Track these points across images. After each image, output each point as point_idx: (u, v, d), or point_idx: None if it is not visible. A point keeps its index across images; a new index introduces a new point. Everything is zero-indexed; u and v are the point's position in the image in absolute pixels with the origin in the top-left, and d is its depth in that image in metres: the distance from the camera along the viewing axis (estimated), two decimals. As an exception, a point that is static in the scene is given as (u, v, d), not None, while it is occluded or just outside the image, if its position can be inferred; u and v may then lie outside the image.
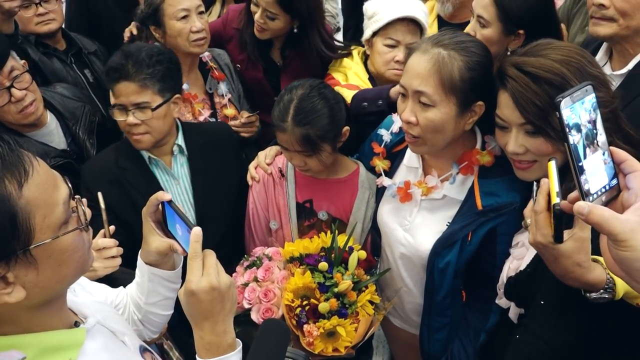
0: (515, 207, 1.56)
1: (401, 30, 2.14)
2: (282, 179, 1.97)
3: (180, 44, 2.29)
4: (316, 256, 1.77)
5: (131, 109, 1.88)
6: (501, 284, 1.56)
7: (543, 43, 1.41)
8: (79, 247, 0.93)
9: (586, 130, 0.80)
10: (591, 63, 1.36)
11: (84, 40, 2.77)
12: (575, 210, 0.79)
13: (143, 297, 1.30)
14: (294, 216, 1.94)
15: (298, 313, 1.67)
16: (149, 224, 1.22)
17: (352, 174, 1.94)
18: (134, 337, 1.16)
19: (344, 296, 1.69)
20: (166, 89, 1.91)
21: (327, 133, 1.75)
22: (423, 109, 1.51)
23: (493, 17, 1.88)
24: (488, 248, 1.61)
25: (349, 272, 1.73)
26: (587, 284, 1.14)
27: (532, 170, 1.45)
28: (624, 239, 0.75)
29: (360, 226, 1.91)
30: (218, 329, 1.04)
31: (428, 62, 1.48)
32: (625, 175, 0.82)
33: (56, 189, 0.89)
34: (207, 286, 1.01)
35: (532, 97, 1.33)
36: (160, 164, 2.03)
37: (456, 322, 1.76)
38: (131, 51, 1.90)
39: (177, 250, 1.19)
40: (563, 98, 0.78)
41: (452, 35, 1.53)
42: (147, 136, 1.92)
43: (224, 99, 2.46)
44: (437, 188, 1.65)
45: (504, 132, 1.45)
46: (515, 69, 1.37)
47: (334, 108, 1.77)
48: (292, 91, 1.78)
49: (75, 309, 1.04)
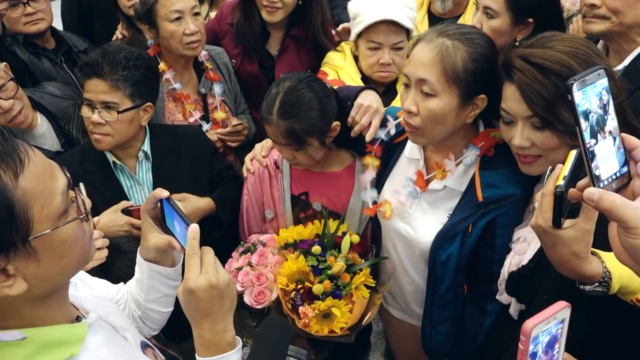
0: (516, 199, 1.56)
1: (383, 32, 2.10)
2: (277, 171, 1.96)
3: (173, 46, 2.26)
4: (309, 241, 1.79)
5: (98, 107, 1.87)
6: (502, 279, 1.56)
7: (548, 35, 1.40)
8: (80, 237, 0.91)
9: (598, 115, 0.79)
10: (598, 55, 1.36)
11: (74, 38, 2.74)
12: (585, 196, 0.78)
13: (142, 293, 1.28)
14: (289, 208, 1.95)
15: (293, 296, 1.69)
16: (148, 220, 1.20)
17: (348, 167, 1.93)
18: (135, 333, 1.14)
19: (337, 278, 1.72)
20: (138, 94, 1.90)
21: (313, 127, 1.73)
22: (424, 99, 1.50)
23: (502, 7, 1.87)
24: (488, 241, 1.61)
25: (342, 255, 1.75)
26: (582, 275, 1.13)
27: (536, 165, 1.44)
28: (635, 226, 0.74)
29: (357, 219, 1.90)
30: (217, 327, 1.03)
31: (432, 51, 1.48)
32: (637, 163, 0.81)
33: (54, 178, 0.88)
34: (206, 284, 1.00)
35: (539, 88, 1.32)
36: (125, 170, 2.02)
37: (458, 315, 1.76)
38: (110, 50, 1.90)
39: (176, 247, 1.18)
40: (575, 81, 0.77)
41: (458, 26, 1.54)
42: (108, 138, 1.90)
43: (216, 100, 2.44)
44: (453, 172, 1.63)
45: (509, 126, 1.44)
46: (522, 60, 1.36)
47: (322, 102, 1.75)
48: (279, 84, 1.77)
49: (77, 304, 1.03)
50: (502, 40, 1.89)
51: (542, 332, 0.87)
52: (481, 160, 1.61)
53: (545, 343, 0.89)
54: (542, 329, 0.86)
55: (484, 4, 1.91)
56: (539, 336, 0.87)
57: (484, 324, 1.68)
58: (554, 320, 0.88)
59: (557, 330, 0.90)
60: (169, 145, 2.07)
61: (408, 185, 1.71)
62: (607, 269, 1.13)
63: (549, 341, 0.90)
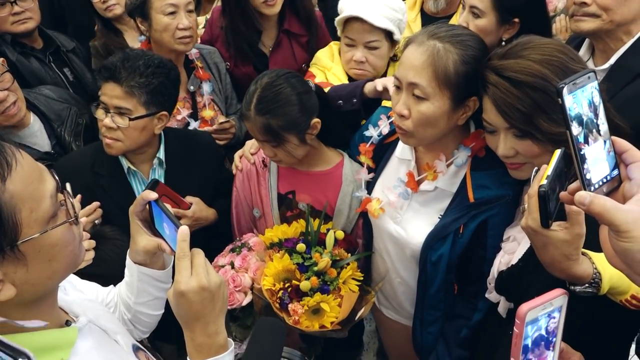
0: (507, 199, 1.56)
1: (356, 29, 2.09)
2: (264, 169, 1.96)
3: (165, 40, 2.26)
4: (294, 239, 1.80)
5: (112, 111, 1.85)
6: (492, 278, 1.56)
7: (522, 42, 1.39)
8: (70, 241, 0.90)
9: (588, 118, 0.79)
10: (573, 59, 1.35)
11: (62, 37, 2.72)
12: (576, 200, 0.78)
13: (132, 296, 1.27)
14: (276, 207, 1.95)
15: (281, 295, 1.69)
16: (136, 223, 1.19)
17: (336, 166, 1.93)
18: (126, 336, 1.13)
19: (324, 274, 1.72)
20: (153, 102, 1.87)
21: (290, 124, 1.72)
22: (416, 102, 1.50)
23: (488, 6, 1.88)
24: (479, 242, 1.62)
25: (327, 251, 1.76)
26: (573, 276, 1.13)
27: (524, 170, 1.44)
28: (626, 229, 0.74)
29: (345, 218, 1.91)
30: (209, 329, 1.02)
31: (423, 54, 1.47)
32: (627, 166, 0.80)
33: (42, 181, 0.87)
34: (197, 286, 0.99)
35: (514, 102, 1.31)
36: (139, 175, 2.00)
37: (448, 313, 1.76)
38: (130, 55, 1.87)
39: (165, 250, 1.17)
40: (565, 85, 0.76)
41: (449, 28, 1.52)
42: (119, 143, 1.88)
43: (205, 99, 2.43)
44: (444, 173, 1.64)
45: (492, 135, 1.45)
46: (494, 74, 1.35)
47: (301, 98, 1.74)
48: (258, 81, 1.77)
49: (66, 308, 1.02)
50: (488, 40, 1.89)
51: (539, 316, 0.87)
52: (472, 161, 1.61)
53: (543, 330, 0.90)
54: (537, 313, 0.87)
55: (470, 3, 1.91)
56: (536, 321, 0.86)
57: (472, 319, 1.69)
58: (551, 306, 0.88)
59: (555, 318, 0.90)
60: (182, 152, 2.05)
61: (399, 186, 1.72)
62: (597, 270, 1.14)
63: (547, 329, 0.90)
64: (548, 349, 0.95)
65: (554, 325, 0.91)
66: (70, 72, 2.61)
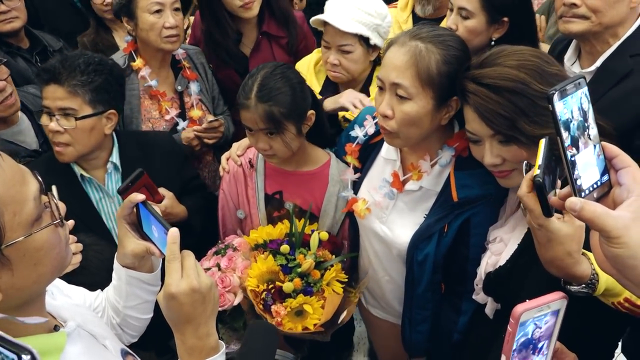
0: (490, 199, 1.57)
1: (330, 32, 2.09)
2: (251, 170, 1.97)
3: (152, 39, 2.24)
4: (279, 241, 1.80)
5: (56, 114, 1.79)
6: (479, 279, 1.57)
7: (496, 51, 1.41)
8: (55, 243, 0.89)
9: (578, 124, 0.79)
10: (548, 62, 1.36)
11: (49, 37, 2.70)
12: (567, 206, 0.78)
13: (121, 300, 1.27)
14: (262, 207, 1.95)
15: (264, 297, 1.69)
16: (124, 226, 1.18)
17: (322, 166, 1.94)
18: (115, 341, 1.13)
19: (307, 275, 1.73)
20: (99, 101, 1.83)
21: (291, 111, 1.74)
22: (399, 102, 1.50)
23: (477, 7, 1.89)
24: (462, 240, 1.63)
25: (311, 253, 1.76)
26: (572, 275, 1.15)
27: (513, 177, 1.45)
28: (617, 235, 0.74)
29: (331, 219, 1.91)
30: (200, 332, 1.01)
31: (405, 54, 1.48)
32: (617, 171, 0.81)
33: (25, 184, 0.85)
34: (188, 288, 0.98)
35: (495, 108, 1.33)
36: (94, 182, 1.95)
37: (437, 314, 1.78)
38: (69, 56, 1.83)
39: (154, 253, 1.16)
40: (556, 91, 0.77)
41: (430, 29, 1.54)
42: (69, 148, 1.83)
43: (192, 99, 2.43)
44: (429, 173, 1.65)
45: (477, 145, 1.46)
46: (473, 83, 1.37)
47: (297, 88, 1.78)
48: (255, 72, 1.79)
49: (54, 313, 1.01)
50: (478, 40, 1.91)
51: (535, 318, 0.87)
52: (456, 161, 1.62)
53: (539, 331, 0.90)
54: (532, 315, 0.87)
55: (459, 5, 1.91)
56: (529, 323, 0.86)
57: (458, 323, 1.70)
58: (548, 309, 0.88)
59: (552, 320, 0.90)
60: (138, 154, 2.01)
61: (384, 186, 1.72)
62: (595, 271, 1.16)
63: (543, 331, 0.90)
64: (539, 349, 0.95)
65: (550, 327, 0.91)
66: (57, 72, 2.58)
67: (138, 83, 2.33)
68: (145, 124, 2.35)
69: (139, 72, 2.32)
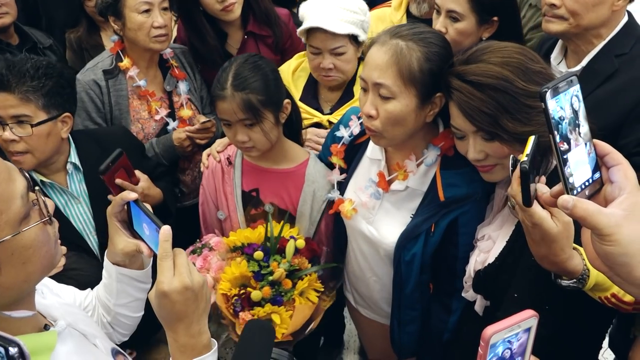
0: (477, 197, 1.59)
1: (320, 38, 2.06)
2: (229, 166, 1.96)
3: (140, 39, 2.23)
4: (255, 245, 1.78)
5: (9, 122, 1.73)
6: (468, 277, 1.58)
7: (482, 47, 1.42)
8: (44, 241, 0.89)
9: (570, 122, 0.79)
10: (532, 60, 1.37)
11: (38, 34, 2.68)
12: (559, 204, 0.78)
13: (112, 298, 1.26)
14: (240, 204, 1.94)
15: (234, 302, 1.69)
16: (115, 224, 1.18)
17: (300, 165, 1.92)
18: (105, 340, 1.13)
19: (278, 284, 1.71)
20: (53, 105, 1.78)
21: (268, 98, 1.74)
22: (383, 102, 1.51)
23: (466, 9, 1.89)
24: (451, 240, 1.63)
25: (285, 261, 1.74)
26: (565, 270, 1.17)
27: (495, 172, 1.46)
28: (609, 233, 0.74)
29: (307, 220, 1.90)
30: (192, 330, 1.00)
31: (386, 53, 1.48)
32: (608, 169, 0.81)
33: (11, 181, 0.85)
34: (180, 286, 0.97)
35: (478, 105, 1.34)
36: (56, 186, 1.91)
37: (426, 314, 1.78)
38: (15, 61, 1.76)
39: (144, 252, 1.15)
40: (548, 89, 0.77)
41: (411, 27, 1.54)
42: (28, 156, 1.78)
43: (182, 98, 2.42)
44: (415, 172, 1.65)
45: (462, 140, 1.47)
46: (457, 79, 1.38)
47: (271, 76, 1.78)
48: (229, 63, 1.79)
49: (44, 312, 1.01)
50: (469, 41, 1.90)
51: (506, 339, 0.88)
52: (442, 160, 1.63)
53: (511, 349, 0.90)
54: (503, 336, 0.87)
55: (447, 8, 1.91)
56: (500, 343, 0.87)
57: (449, 322, 1.71)
58: (518, 328, 0.88)
59: (523, 338, 0.90)
60: (97, 151, 1.96)
61: (370, 186, 1.73)
62: (586, 267, 1.18)
63: (515, 348, 0.90)
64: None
65: (522, 344, 0.91)
66: (47, 69, 2.56)
67: (126, 83, 2.31)
68: (135, 125, 2.34)
69: (126, 72, 2.30)
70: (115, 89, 2.30)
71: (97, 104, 2.27)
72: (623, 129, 1.69)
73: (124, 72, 2.31)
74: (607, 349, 2.06)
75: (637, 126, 1.68)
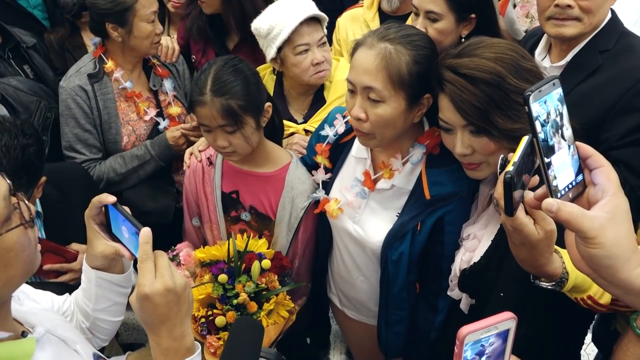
0: (462, 196, 1.58)
1: (307, 31, 2.03)
2: (210, 166, 1.94)
3: (144, 46, 2.25)
4: (221, 265, 1.75)
5: None
6: (453, 275, 1.59)
7: (475, 42, 1.42)
8: (25, 245, 0.88)
9: (554, 125, 0.79)
10: (524, 57, 1.38)
11: (22, 33, 2.64)
12: (544, 207, 0.78)
13: (90, 303, 1.24)
14: (220, 206, 1.92)
15: (201, 324, 1.68)
16: (93, 227, 1.16)
17: (281, 169, 1.89)
18: (86, 345, 1.11)
19: (244, 307, 1.69)
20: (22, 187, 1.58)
21: (249, 103, 1.70)
22: (373, 105, 1.50)
23: (444, 9, 1.89)
24: (437, 239, 1.63)
25: (250, 283, 1.71)
26: (544, 274, 1.17)
27: (481, 169, 1.46)
28: (593, 235, 0.74)
29: (285, 226, 1.88)
30: (175, 332, 0.99)
31: (375, 57, 1.47)
32: (591, 171, 0.81)
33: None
34: (162, 288, 0.96)
35: (470, 98, 1.33)
36: None
37: (413, 314, 1.78)
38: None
39: (124, 255, 1.14)
40: (532, 92, 0.76)
41: (398, 29, 1.53)
42: None
43: (169, 96, 2.42)
44: (400, 171, 1.65)
45: (449, 134, 1.46)
46: (451, 72, 1.37)
47: (251, 80, 1.74)
48: (207, 67, 1.75)
49: (21, 319, 0.99)
50: (449, 40, 1.91)
51: (482, 339, 0.87)
52: (427, 159, 1.63)
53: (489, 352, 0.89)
54: (478, 336, 0.87)
55: (426, 9, 1.91)
56: (477, 342, 0.86)
57: (435, 321, 1.71)
58: (495, 329, 0.88)
59: (503, 340, 0.90)
60: (56, 194, 1.85)
61: (356, 186, 1.72)
62: (566, 270, 1.18)
63: (492, 351, 0.90)
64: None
65: (496, 349, 0.90)
66: (31, 69, 2.53)
67: (112, 86, 2.30)
68: (125, 127, 2.33)
69: (111, 75, 2.29)
70: (101, 92, 2.28)
71: (85, 110, 2.26)
72: (605, 124, 1.69)
73: (109, 75, 2.30)
74: (590, 343, 2.07)
75: (618, 120, 1.68)
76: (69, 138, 2.26)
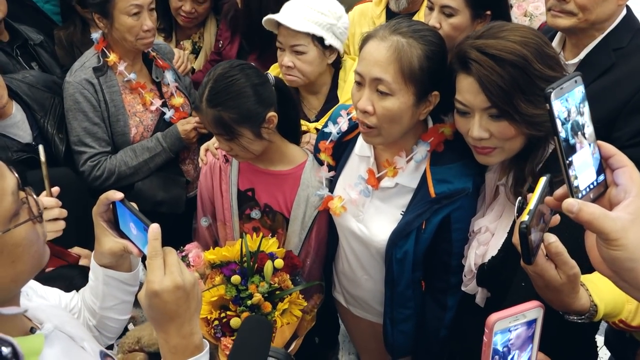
0: (467, 193, 1.56)
1: (282, 33, 2.01)
2: (226, 164, 1.93)
3: (128, 40, 2.24)
4: (233, 266, 1.74)
5: None
6: (468, 270, 1.56)
7: (497, 25, 1.40)
8: (34, 240, 0.87)
9: (575, 123, 0.77)
10: (547, 43, 1.37)
11: (29, 30, 2.65)
12: (564, 208, 0.76)
13: (98, 301, 1.23)
14: (235, 203, 1.91)
15: (214, 327, 1.67)
16: (101, 224, 1.15)
17: (297, 167, 1.88)
18: (93, 343, 1.10)
19: (258, 308, 1.68)
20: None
21: (243, 117, 1.67)
22: (381, 98, 1.48)
23: (460, 4, 1.88)
24: (444, 236, 1.61)
25: (263, 283, 1.70)
26: (572, 311, 1.15)
27: (494, 155, 1.43)
28: (616, 237, 0.72)
29: (299, 225, 1.87)
30: (184, 330, 0.98)
31: (387, 49, 1.46)
32: (613, 171, 0.79)
33: (2, 178, 0.83)
34: (172, 285, 0.95)
35: (497, 80, 1.31)
36: None
37: (420, 313, 1.76)
38: None
39: (133, 252, 1.12)
40: (553, 89, 0.75)
41: (410, 24, 1.52)
42: None
43: (170, 87, 2.43)
44: (404, 169, 1.63)
45: (465, 117, 1.43)
46: (478, 52, 1.34)
47: (256, 89, 1.69)
48: (211, 71, 1.73)
49: (30, 314, 0.98)
50: (463, 36, 1.89)
51: (510, 327, 0.86)
52: (431, 156, 1.61)
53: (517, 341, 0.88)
54: (507, 324, 0.85)
55: (442, 3, 1.90)
56: (506, 330, 0.85)
57: (444, 319, 1.69)
58: (523, 317, 0.87)
59: (530, 329, 0.88)
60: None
61: (360, 184, 1.70)
62: (594, 302, 1.16)
63: (522, 340, 0.89)
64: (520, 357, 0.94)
65: (522, 337, 0.89)
66: (38, 67, 2.54)
67: (116, 79, 2.32)
68: (132, 119, 2.34)
69: (115, 68, 2.30)
70: (107, 85, 2.29)
71: (92, 103, 2.26)
72: (617, 122, 1.68)
73: (112, 68, 2.30)
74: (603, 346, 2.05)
75: (630, 119, 1.67)
76: (77, 132, 2.26)
